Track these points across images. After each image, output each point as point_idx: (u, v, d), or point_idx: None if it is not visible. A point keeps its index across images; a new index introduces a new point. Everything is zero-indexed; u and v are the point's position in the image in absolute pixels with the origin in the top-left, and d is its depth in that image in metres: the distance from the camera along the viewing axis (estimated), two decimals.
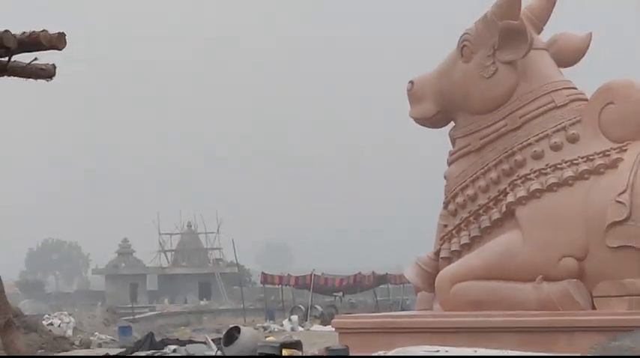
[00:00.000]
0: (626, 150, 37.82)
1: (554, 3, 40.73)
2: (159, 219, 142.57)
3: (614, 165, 37.24)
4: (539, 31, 39.54)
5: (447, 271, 40.25)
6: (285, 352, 36.76)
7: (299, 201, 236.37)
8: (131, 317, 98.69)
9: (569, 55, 40.20)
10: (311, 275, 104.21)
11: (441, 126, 41.20)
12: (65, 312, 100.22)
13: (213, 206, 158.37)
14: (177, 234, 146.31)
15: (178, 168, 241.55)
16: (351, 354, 38.98)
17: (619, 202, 37.38)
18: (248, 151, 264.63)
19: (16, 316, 66.13)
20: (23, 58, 11.10)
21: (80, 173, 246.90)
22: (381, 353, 30.75)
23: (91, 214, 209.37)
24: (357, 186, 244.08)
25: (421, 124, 41.25)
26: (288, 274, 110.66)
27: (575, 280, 36.56)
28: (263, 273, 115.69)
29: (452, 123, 40.42)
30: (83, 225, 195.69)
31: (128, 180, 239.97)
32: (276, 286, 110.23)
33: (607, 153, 37.34)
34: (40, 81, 10.56)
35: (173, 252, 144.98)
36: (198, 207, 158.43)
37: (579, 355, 30.52)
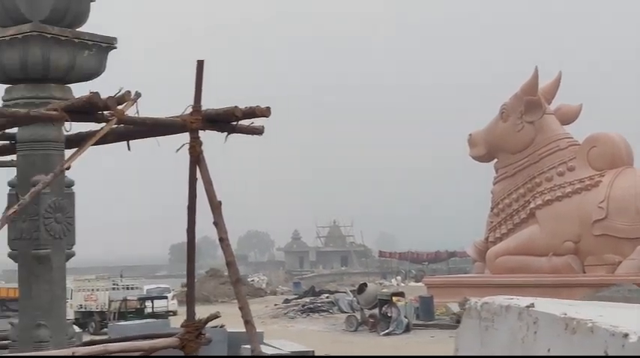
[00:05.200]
0: (604, 175, 38.78)
1: (558, 86, 42.05)
2: (316, 217, 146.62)
3: (596, 184, 38.37)
4: (549, 102, 40.25)
5: (493, 249, 41.56)
6: (394, 298, 38.38)
7: (403, 202, 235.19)
8: (300, 277, 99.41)
9: (568, 117, 41.26)
10: (408, 252, 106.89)
11: (488, 162, 43.04)
12: (261, 273, 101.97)
13: (349, 208, 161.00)
14: (327, 226, 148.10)
15: (328, 182, 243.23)
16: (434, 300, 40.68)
17: (600, 207, 38.81)
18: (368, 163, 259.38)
19: None
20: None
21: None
22: None
23: (275, 214, 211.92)
24: (442, 191, 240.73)
25: (476, 161, 43.03)
26: (395, 251, 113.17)
27: (573, 255, 37.98)
28: (380, 251, 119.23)
29: (495, 160, 42.46)
30: (271, 220, 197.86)
31: (299, 191, 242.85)
32: (387, 258, 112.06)
33: (592, 177, 38.39)
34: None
35: (325, 238, 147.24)
36: (339, 209, 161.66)
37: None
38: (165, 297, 49.77)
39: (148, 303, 45.29)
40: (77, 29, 10.46)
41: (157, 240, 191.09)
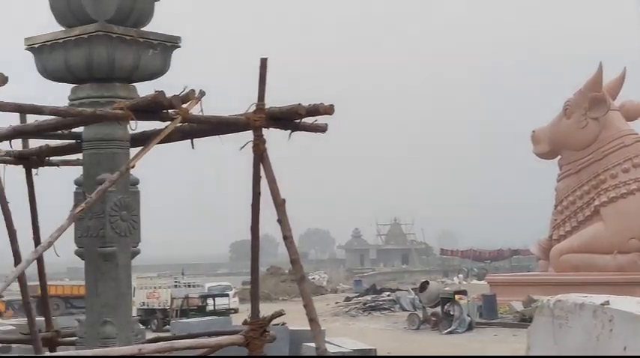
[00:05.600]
0: None
1: (622, 84, 41.75)
2: (376, 215, 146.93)
3: None
4: (613, 99, 40.09)
5: (557, 247, 41.36)
6: (456, 296, 38.25)
7: (465, 199, 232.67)
8: (361, 275, 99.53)
9: (633, 114, 40.99)
10: (470, 249, 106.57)
11: (552, 158, 42.76)
12: (322, 271, 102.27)
13: (409, 206, 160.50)
14: (388, 224, 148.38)
15: (389, 180, 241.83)
16: (497, 298, 40.42)
17: None
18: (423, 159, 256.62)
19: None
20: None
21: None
22: None
23: (336, 211, 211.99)
24: (504, 189, 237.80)
25: (540, 157, 42.84)
26: (457, 249, 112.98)
27: (638, 253, 37.63)
28: (441, 248, 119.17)
29: (559, 156, 42.20)
30: (331, 218, 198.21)
31: (359, 188, 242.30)
32: (449, 256, 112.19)
33: None
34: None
35: (385, 236, 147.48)
36: (400, 207, 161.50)
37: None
38: (227, 295, 50.04)
39: (210, 301, 45.63)
40: (141, 29, 10.57)
41: (217, 238, 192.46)
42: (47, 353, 10.92)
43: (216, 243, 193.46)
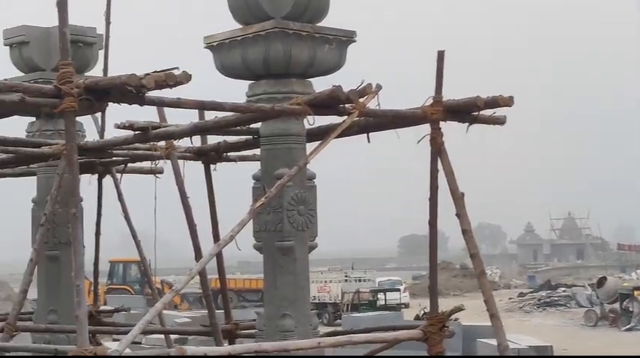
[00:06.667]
0: None
1: None
2: (549, 209, 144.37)
3: None
4: None
5: None
6: (636, 292, 37.21)
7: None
8: (535, 270, 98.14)
9: None
10: None
11: None
12: (494, 266, 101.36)
13: (585, 199, 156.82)
14: (562, 219, 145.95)
15: (562, 172, 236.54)
16: None
17: None
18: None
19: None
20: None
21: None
22: None
23: (507, 206, 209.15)
24: None
25: None
26: (635, 244, 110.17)
27: None
28: (618, 243, 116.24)
29: None
30: (502, 213, 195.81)
31: (531, 182, 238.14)
32: (627, 251, 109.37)
33: None
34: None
35: (559, 230, 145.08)
36: (575, 200, 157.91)
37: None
38: (398, 290, 50.25)
39: (381, 295, 45.88)
40: (317, 24, 10.69)
41: (386, 232, 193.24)
42: (226, 345, 11.22)
43: (385, 238, 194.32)
